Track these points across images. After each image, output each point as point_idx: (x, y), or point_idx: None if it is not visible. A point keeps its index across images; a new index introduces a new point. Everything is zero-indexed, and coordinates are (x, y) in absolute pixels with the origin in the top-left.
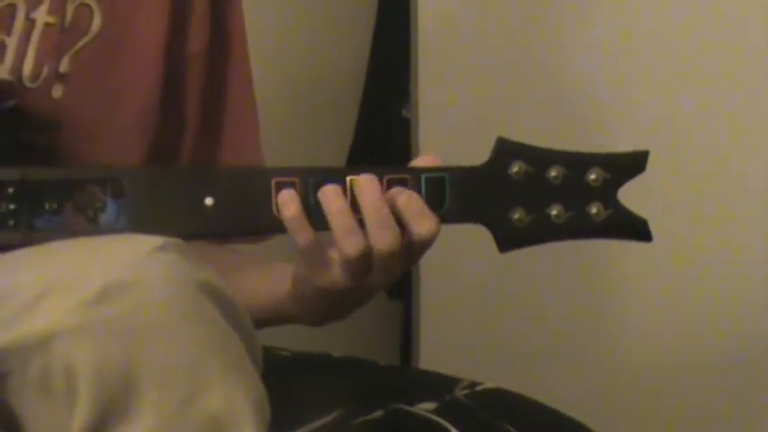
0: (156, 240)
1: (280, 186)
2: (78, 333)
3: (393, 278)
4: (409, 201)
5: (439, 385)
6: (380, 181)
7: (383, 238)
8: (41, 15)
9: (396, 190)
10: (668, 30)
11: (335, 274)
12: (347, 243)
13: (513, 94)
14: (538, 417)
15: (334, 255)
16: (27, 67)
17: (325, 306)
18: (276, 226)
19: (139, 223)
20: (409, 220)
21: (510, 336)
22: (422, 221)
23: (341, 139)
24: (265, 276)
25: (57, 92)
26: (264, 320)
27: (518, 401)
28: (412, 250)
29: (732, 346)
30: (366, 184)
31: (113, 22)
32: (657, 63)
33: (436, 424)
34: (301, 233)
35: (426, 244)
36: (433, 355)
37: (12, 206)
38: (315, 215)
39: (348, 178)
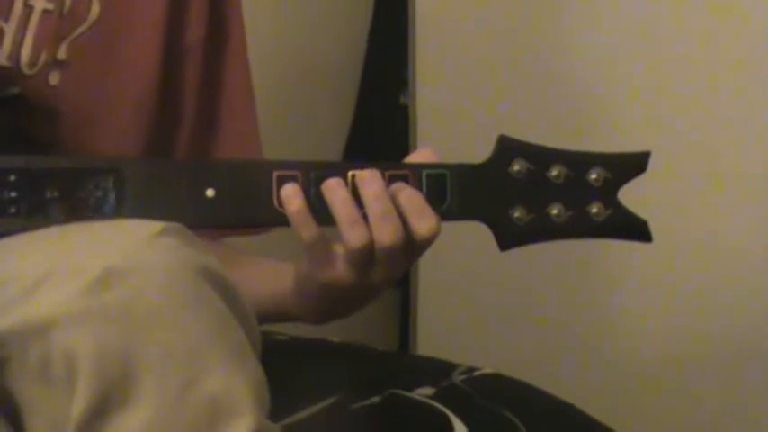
0: (157, 226)
1: (281, 180)
2: (78, 319)
3: (394, 275)
4: (411, 198)
5: (436, 371)
6: (383, 176)
7: (385, 231)
8: (40, 2)
9: (398, 186)
10: (669, 29)
11: (339, 269)
12: (351, 234)
13: (510, 81)
14: (535, 402)
15: (338, 248)
16: (25, 54)
17: (327, 304)
18: (277, 219)
19: (140, 214)
20: (410, 218)
21: (507, 322)
22: (423, 219)
23: (339, 126)
24: (267, 275)
25: (54, 79)
26: (265, 318)
27: (516, 387)
28: (413, 248)
29: (731, 342)
30: (368, 177)
31: (112, 10)
32: (659, 62)
33: (434, 409)
34: (306, 227)
35: (427, 242)
36: (430, 341)
37: (13, 194)
38: (316, 209)
39: (350, 173)
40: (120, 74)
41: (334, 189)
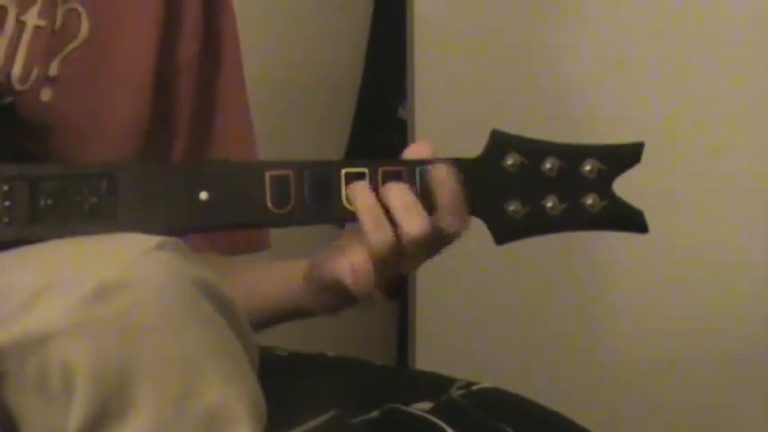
0: (154, 239)
1: (274, 180)
2: (75, 332)
3: (418, 266)
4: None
5: (435, 385)
6: (375, 173)
7: (412, 223)
8: (32, 18)
9: (390, 185)
10: (664, 28)
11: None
12: (377, 235)
13: (510, 94)
14: (533, 416)
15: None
16: (16, 70)
17: (340, 295)
18: (271, 220)
19: (135, 218)
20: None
21: (505, 335)
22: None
23: (337, 139)
24: (276, 274)
25: (45, 95)
26: (281, 317)
27: (514, 401)
28: (438, 240)
29: (726, 342)
30: (395, 187)
31: (101, 28)
32: (653, 61)
33: (432, 424)
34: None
35: (452, 236)
36: (429, 355)
37: (7, 203)
38: (308, 209)
39: (343, 171)
40: (111, 91)
41: (359, 195)
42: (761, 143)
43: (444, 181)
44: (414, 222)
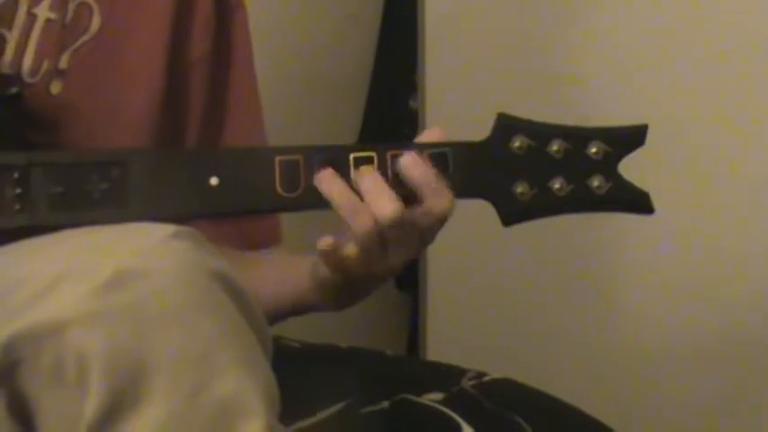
0: (169, 228)
1: (283, 165)
2: (90, 321)
3: (411, 255)
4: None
5: (446, 376)
6: (384, 157)
7: (384, 207)
8: (43, 11)
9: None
10: (673, 25)
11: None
12: (356, 222)
13: (519, 87)
14: (545, 407)
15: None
16: (26, 62)
17: (344, 289)
18: (281, 205)
19: (145, 205)
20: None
21: (516, 327)
22: (437, 196)
23: (348, 130)
24: (282, 270)
25: (55, 88)
26: (285, 312)
27: (525, 392)
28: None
29: (733, 335)
30: (365, 171)
31: (113, 23)
32: (658, 57)
33: (443, 414)
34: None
35: (438, 221)
36: (440, 346)
37: (18, 190)
38: (318, 193)
39: (351, 155)
40: (122, 85)
41: (328, 181)
42: (765, 137)
43: (411, 166)
44: (383, 205)
